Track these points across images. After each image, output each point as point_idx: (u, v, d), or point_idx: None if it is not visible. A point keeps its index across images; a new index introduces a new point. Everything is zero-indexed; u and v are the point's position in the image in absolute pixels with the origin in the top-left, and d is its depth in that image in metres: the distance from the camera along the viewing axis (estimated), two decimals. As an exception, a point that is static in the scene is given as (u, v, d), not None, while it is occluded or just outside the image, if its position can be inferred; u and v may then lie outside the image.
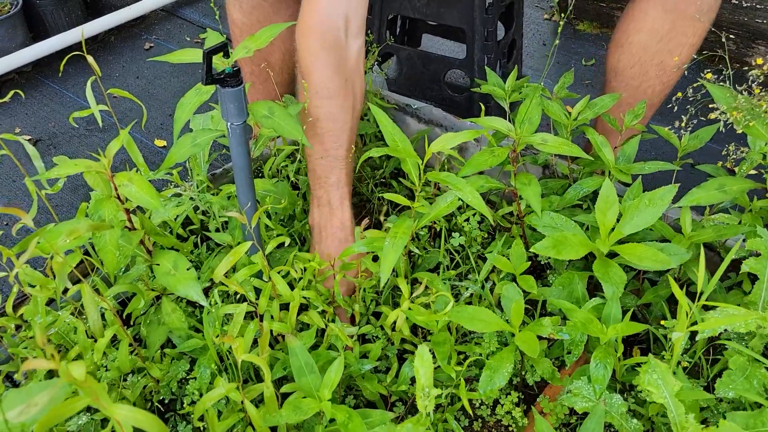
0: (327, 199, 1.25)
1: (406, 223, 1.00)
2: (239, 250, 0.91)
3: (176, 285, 0.95)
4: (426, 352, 0.87)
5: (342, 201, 1.25)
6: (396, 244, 0.96)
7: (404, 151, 1.00)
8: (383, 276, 0.95)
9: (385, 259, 0.95)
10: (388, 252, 0.96)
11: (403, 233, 0.98)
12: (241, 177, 1.00)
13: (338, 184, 1.25)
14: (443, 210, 1.06)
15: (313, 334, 1.04)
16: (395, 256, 0.95)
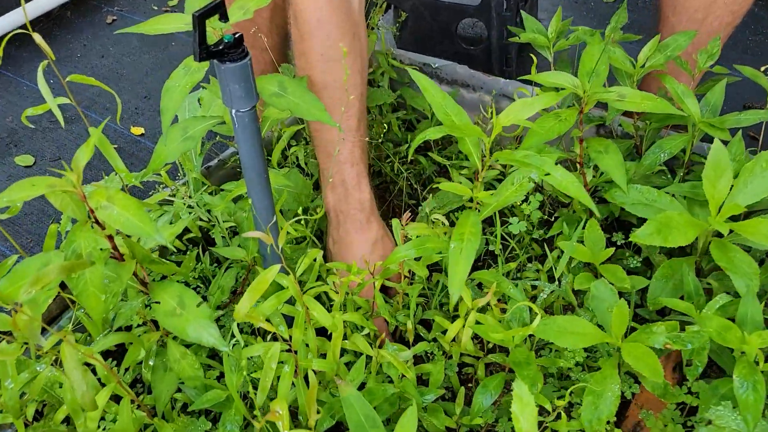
0: (341, 178, 1.06)
1: (471, 219, 0.78)
2: (265, 279, 0.68)
3: (185, 328, 0.72)
4: (525, 392, 0.67)
5: (358, 179, 1.06)
6: (466, 249, 0.74)
7: (464, 128, 0.77)
8: (454, 292, 0.73)
9: (455, 270, 0.73)
10: (457, 260, 0.74)
11: (472, 233, 0.75)
12: (254, 178, 0.76)
13: (352, 161, 1.06)
14: (511, 196, 0.84)
15: (362, 368, 0.83)
16: (467, 264, 0.73)
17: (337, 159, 1.05)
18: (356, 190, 1.06)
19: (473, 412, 0.85)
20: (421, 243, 0.86)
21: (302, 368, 0.81)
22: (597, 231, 0.95)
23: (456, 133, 0.78)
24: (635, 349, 0.77)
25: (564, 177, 0.70)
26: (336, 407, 0.81)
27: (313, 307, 0.77)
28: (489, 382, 0.86)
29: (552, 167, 0.71)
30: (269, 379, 0.74)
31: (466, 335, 0.87)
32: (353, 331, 0.95)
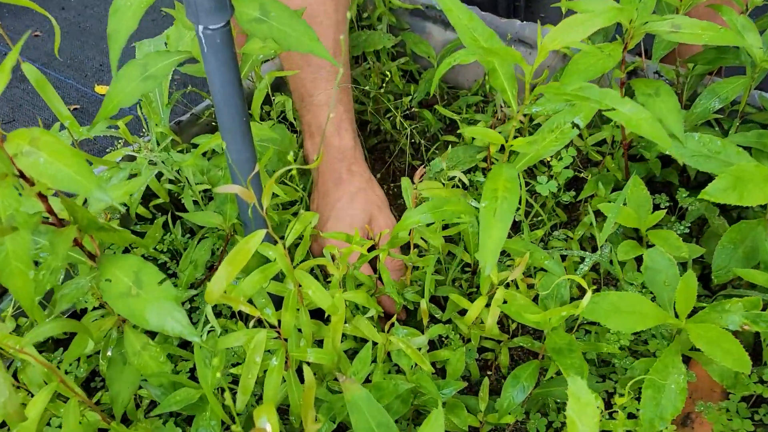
0: (318, 125, 0.93)
1: (505, 171, 0.62)
2: (245, 249, 0.52)
3: (143, 313, 0.56)
4: (583, 389, 0.52)
5: (338, 123, 0.93)
6: (502, 209, 0.58)
7: (500, 51, 0.60)
8: (486, 263, 0.58)
9: (488, 235, 0.58)
10: (490, 222, 0.58)
11: (508, 189, 0.59)
12: (230, 121, 0.60)
13: (328, 103, 0.93)
14: (550, 145, 0.68)
15: (368, 359, 0.67)
16: (502, 228, 0.57)
17: (311, 102, 0.92)
18: (335, 137, 0.92)
19: (502, 408, 0.70)
20: (437, 205, 0.70)
21: (294, 360, 0.65)
22: (643, 191, 0.80)
23: (489, 57, 0.62)
24: (707, 331, 0.62)
25: (635, 111, 0.54)
26: (337, 407, 0.65)
27: (307, 284, 0.61)
28: (521, 371, 0.71)
29: (618, 100, 0.55)
30: (253, 376, 0.58)
31: (492, 316, 0.72)
32: (353, 313, 0.79)
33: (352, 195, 0.90)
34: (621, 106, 0.54)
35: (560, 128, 0.67)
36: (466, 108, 1.10)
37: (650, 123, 0.53)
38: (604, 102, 0.54)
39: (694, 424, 0.79)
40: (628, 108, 0.54)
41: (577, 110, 0.67)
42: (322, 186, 0.92)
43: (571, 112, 0.67)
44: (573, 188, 1.01)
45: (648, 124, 0.53)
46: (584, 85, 0.56)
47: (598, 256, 0.76)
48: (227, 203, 0.74)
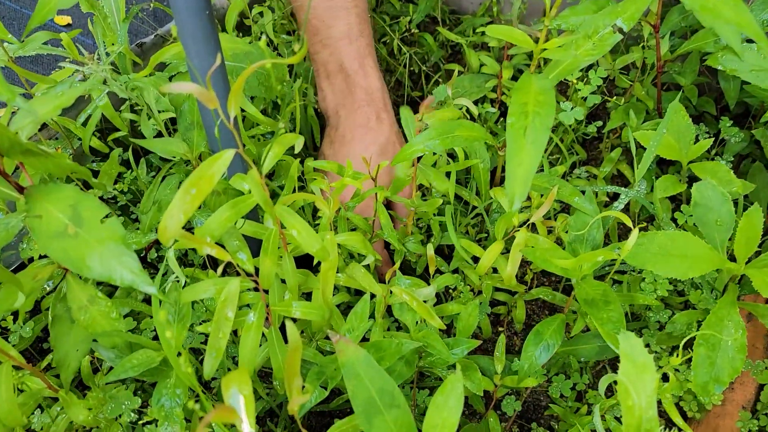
0: (338, 62, 0.77)
1: (537, 83, 0.49)
2: (208, 175, 0.40)
3: (83, 257, 0.44)
4: (639, 349, 0.41)
5: (362, 59, 0.78)
6: (534, 127, 0.46)
7: None
8: (516, 194, 0.46)
9: (518, 160, 0.45)
10: (520, 144, 0.46)
11: (541, 103, 0.47)
12: (188, 16, 0.47)
13: (350, 35, 0.77)
14: (587, 54, 0.55)
15: (365, 314, 0.56)
16: (535, 151, 0.45)
17: (328, 36, 0.77)
18: (360, 75, 0.78)
19: (523, 370, 0.59)
20: (447, 130, 0.58)
21: (277, 315, 0.54)
22: (685, 119, 0.68)
23: None
24: (775, 277, 0.51)
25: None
26: (329, 370, 0.54)
27: (291, 223, 0.49)
28: (544, 327, 0.60)
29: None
30: (224, 335, 0.47)
31: (512, 263, 0.60)
32: (346, 261, 0.68)
33: (382, 147, 0.76)
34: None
35: (599, 34, 0.55)
36: (472, 32, 0.97)
37: (734, 6, 0.40)
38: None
39: (734, 383, 0.70)
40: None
41: (620, 11, 0.54)
42: (347, 131, 0.77)
43: (612, 14, 0.54)
44: (593, 120, 0.89)
45: (731, 8, 0.40)
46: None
47: (635, 192, 0.65)
48: (194, 129, 0.61)
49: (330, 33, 0.77)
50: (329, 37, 0.77)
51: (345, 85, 0.77)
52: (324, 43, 0.77)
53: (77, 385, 0.72)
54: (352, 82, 0.76)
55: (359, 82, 0.77)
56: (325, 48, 0.77)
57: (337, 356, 0.44)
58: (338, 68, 0.77)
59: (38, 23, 0.56)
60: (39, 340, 0.75)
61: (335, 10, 0.76)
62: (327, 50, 0.77)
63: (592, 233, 0.60)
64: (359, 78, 0.77)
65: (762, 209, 0.74)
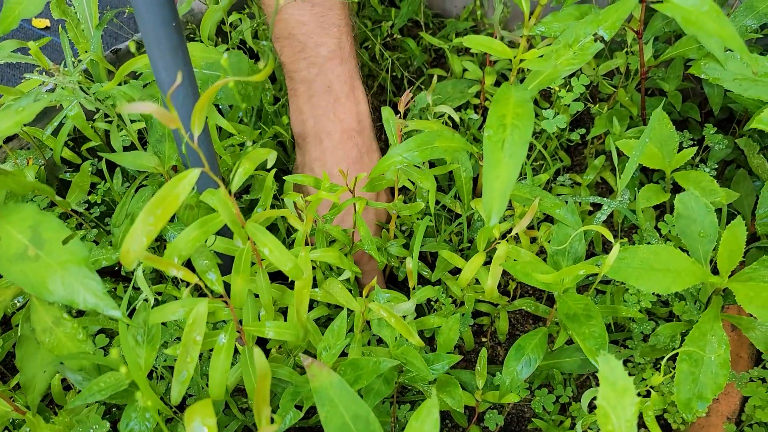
0: (326, 83, 0.70)
1: (515, 94, 0.48)
2: (172, 195, 0.38)
3: (44, 281, 0.43)
4: (619, 370, 0.40)
5: (352, 82, 0.72)
6: (512, 141, 0.44)
7: None
8: (492, 209, 0.44)
9: (494, 174, 0.44)
10: (497, 158, 0.44)
11: (519, 115, 0.46)
12: (153, 24, 0.45)
13: (341, 55, 0.70)
14: (567, 64, 0.54)
15: (342, 332, 0.55)
16: (513, 166, 0.44)
17: (317, 52, 0.69)
18: (351, 100, 0.71)
19: (505, 385, 0.58)
20: (427, 140, 0.57)
21: (252, 336, 0.52)
22: (668, 127, 0.67)
23: None
24: (758, 291, 0.51)
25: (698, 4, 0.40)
26: (305, 390, 0.53)
27: (262, 240, 0.47)
28: (526, 341, 0.59)
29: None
30: (192, 359, 0.45)
31: (493, 277, 0.59)
32: (325, 274, 0.66)
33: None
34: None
35: (579, 42, 0.53)
36: (455, 36, 0.95)
37: (717, 19, 0.39)
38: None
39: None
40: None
41: (602, 19, 0.53)
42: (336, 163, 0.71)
43: (593, 22, 0.53)
44: (577, 127, 0.88)
45: (714, 21, 0.39)
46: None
47: (618, 202, 0.64)
48: (165, 141, 0.60)
49: (319, 51, 0.69)
50: (317, 56, 0.70)
51: (332, 110, 0.70)
52: (311, 61, 0.70)
53: (49, 403, 0.70)
54: (341, 107, 0.70)
55: (350, 108, 0.71)
56: (312, 66, 0.70)
57: (311, 384, 0.43)
58: (325, 90, 0.70)
59: (3, 32, 0.54)
60: (10, 356, 0.73)
61: (327, 26, 0.68)
62: (313, 69, 0.70)
63: (574, 246, 0.59)
64: (350, 103, 0.71)
65: (746, 217, 0.74)
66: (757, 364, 0.68)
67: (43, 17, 1.36)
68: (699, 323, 0.54)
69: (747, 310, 0.50)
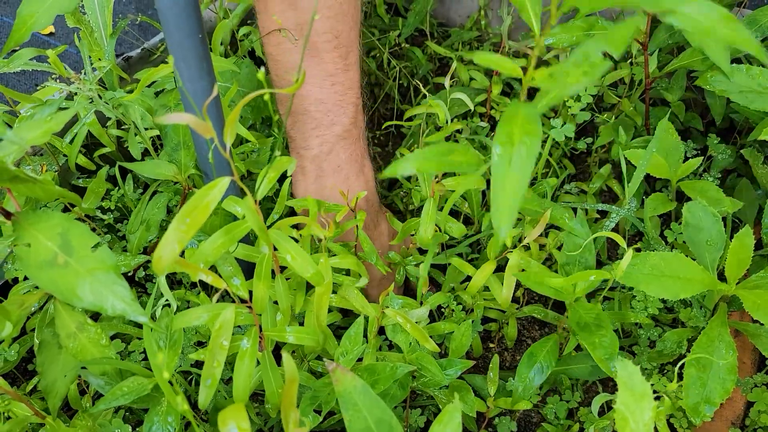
0: (336, 162, 0.67)
1: (523, 111, 0.49)
2: (203, 205, 0.39)
3: (73, 287, 0.43)
4: (637, 376, 0.41)
5: (362, 161, 0.70)
6: (520, 157, 0.45)
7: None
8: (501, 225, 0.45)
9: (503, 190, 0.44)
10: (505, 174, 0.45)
11: (528, 132, 0.47)
12: (181, 38, 0.46)
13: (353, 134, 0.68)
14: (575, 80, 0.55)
15: (359, 338, 0.55)
16: (520, 181, 0.45)
17: (331, 131, 0.66)
18: (359, 179, 0.69)
19: (517, 392, 0.59)
20: (441, 152, 0.58)
21: (270, 340, 0.53)
22: (674, 137, 0.69)
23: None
24: (766, 298, 0.52)
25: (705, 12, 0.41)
26: (323, 395, 0.54)
27: (285, 247, 0.48)
28: (538, 349, 0.60)
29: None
30: (219, 364, 0.46)
31: (507, 287, 0.60)
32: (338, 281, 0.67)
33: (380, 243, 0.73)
34: (683, 6, 0.41)
35: (589, 60, 0.55)
36: (460, 45, 0.97)
37: (730, 25, 0.40)
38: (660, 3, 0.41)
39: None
40: (693, 8, 0.41)
41: (610, 39, 0.54)
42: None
43: (601, 40, 0.54)
44: (581, 136, 0.89)
45: (727, 27, 0.40)
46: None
47: (626, 210, 0.65)
48: (181, 149, 0.61)
49: (333, 130, 0.66)
50: (332, 134, 0.66)
51: (343, 187, 0.68)
52: (324, 139, 0.66)
53: (63, 406, 0.71)
54: (350, 186, 0.68)
55: (359, 188, 0.69)
56: (324, 144, 0.66)
57: (333, 384, 0.43)
58: (335, 169, 0.67)
59: (16, 44, 0.55)
60: (23, 360, 0.74)
61: (345, 105, 0.65)
62: (325, 147, 0.66)
63: (584, 256, 0.60)
64: (359, 183, 0.69)
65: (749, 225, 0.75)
66: (760, 370, 0.70)
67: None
68: (707, 329, 0.55)
69: (755, 317, 0.52)
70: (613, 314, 0.63)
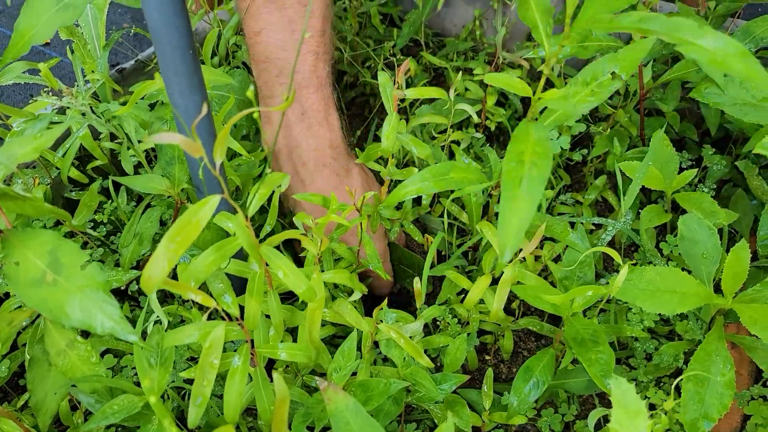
0: (300, 108, 0.70)
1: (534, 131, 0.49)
2: (193, 223, 0.39)
3: (62, 305, 0.43)
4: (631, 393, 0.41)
5: (326, 109, 0.71)
6: (530, 179, 0.45)
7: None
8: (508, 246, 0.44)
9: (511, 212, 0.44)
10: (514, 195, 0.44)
11: (538, 154, 0.46)
12: (171, 52, 0.46)
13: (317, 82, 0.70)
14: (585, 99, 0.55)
15: (353, 353, 0.55)
16: (530, 204, 0.44)
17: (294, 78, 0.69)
18: (323, 126, 0.71)
19: (512, 407, 0.59)
20: (441, 171, 0.58)
21: (262, 357, 0.53)
22: (668, 149, 0.69)
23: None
24: (762, 312, 0.52)
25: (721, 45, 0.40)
26: (316, 411, 0.53)
27: (276, 263, 0.48)
28: (534, 363, 0.60)
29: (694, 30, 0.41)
30: (209, 383, 0.46)
31: (498, 300, 0.60)
32: (333, 294, 0.67)
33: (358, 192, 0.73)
34: (699, 39, 0.41)
35: (597, 80, 0.54)
36: (455, 56, 0.97)
37: (744, 60, 0.40)
38: (676, 34, 0.41)
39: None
40: (709, 41, 0.40)
41: (619, 58, 0.54)
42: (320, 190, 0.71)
43: (610, 60, 0.54)
44: (577, 146, 0.89)
45: (742, 62, 0.40)
46: (645, 15, 0.43)
47: (622, 223, 0.65)
48: (175, 164, 0.60)
49: (296, 78, 0.69)
50: (294, 82, 0.69)
51: (305, 137, 0.70)
52: (286, 87, 0.69)
53: (54, 422, 0.70)
54: (313, 134, 0.70)
55: (323, 134, 0.71)
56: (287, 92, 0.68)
57: (327, 406, 0.43)
58: (299, 117, 0.70)
59: (13, 58, 0.55)
60: (15, 374, 0.73)
61: (304, 53, 0.69)
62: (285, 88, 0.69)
63: (583, 271, 0.60)
64: (323, 130, 0.71)
65: (745, 236, 0.75)
66: (757, 382, 0.69)
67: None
68: (704, 344, 0.55)
69: (752, 331, 0.51)
70: (609, 328, 0.63)
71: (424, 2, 0.95)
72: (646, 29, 0.41)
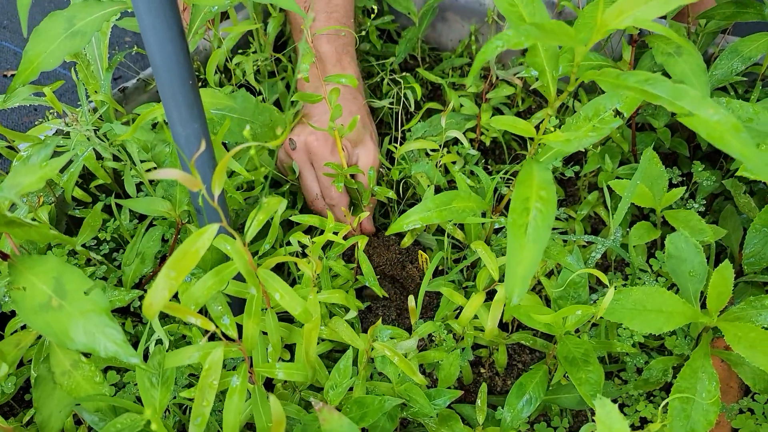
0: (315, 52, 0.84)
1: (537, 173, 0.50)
2: (192, 252, 0.41)
3: (66, 329, 0.45)
4: (615, 415, 0.42)
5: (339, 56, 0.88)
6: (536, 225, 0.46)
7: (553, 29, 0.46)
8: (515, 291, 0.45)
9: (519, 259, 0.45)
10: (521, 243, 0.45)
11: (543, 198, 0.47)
12: (170, 83, 0.48)
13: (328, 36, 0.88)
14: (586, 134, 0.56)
15: (348, 371, 0.57)
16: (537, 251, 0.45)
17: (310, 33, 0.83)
18: (336, 68, 0.86)
19: (506, 423, 0.60)
20: (444, 201, 0.59)
21: (260, 376, 0.54)
22: (657, 166, 0.70)
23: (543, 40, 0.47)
24: (746, 331, 0.53)
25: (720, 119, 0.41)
26: (313, 429, 0.55)
27: (274, 287, 0.50)
28: (527, 379, 0.61)
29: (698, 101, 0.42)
30: (208, 403, 0.47)
31: (492, 319, 0.62)
32: (330, 311, 0.68)
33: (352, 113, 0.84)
34: (702, 110, 0.42)
35: (599, 116, 0.56)
36: (451, 71, 0.98)
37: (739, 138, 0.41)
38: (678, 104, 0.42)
39: (709, 424, 0.71)
40: (711, 113, 0.41)
41: (621, 96, 0.56)
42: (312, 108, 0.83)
43: (612, 98, 0.56)
44: (570, 162, 0.91)
45: (737, 140, 0.41)
46: (651, 76, 0.44)
47: (611, 241, 0.66)
48: (177, 186, 0.62)
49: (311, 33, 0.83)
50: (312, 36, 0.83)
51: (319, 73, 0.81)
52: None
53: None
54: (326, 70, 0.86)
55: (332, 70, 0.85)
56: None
57: (321, 425, 0.45)
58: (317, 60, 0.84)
59: (22, 84, 0.57)
60: (21, 389, 0.75)
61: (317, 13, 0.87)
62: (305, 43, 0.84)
63: (577, 291, 0.62)
64: (336, 70, 0.86)
65: (734, 250, 0.76)
66: (746, 394, 0.71)
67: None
68: (690, 361, 0.56)
69: (735, 350, 0.53)
70: (600, 344, 0.64)
71: (420, 19, 0.96)
72: (651, 93, 0.42)
